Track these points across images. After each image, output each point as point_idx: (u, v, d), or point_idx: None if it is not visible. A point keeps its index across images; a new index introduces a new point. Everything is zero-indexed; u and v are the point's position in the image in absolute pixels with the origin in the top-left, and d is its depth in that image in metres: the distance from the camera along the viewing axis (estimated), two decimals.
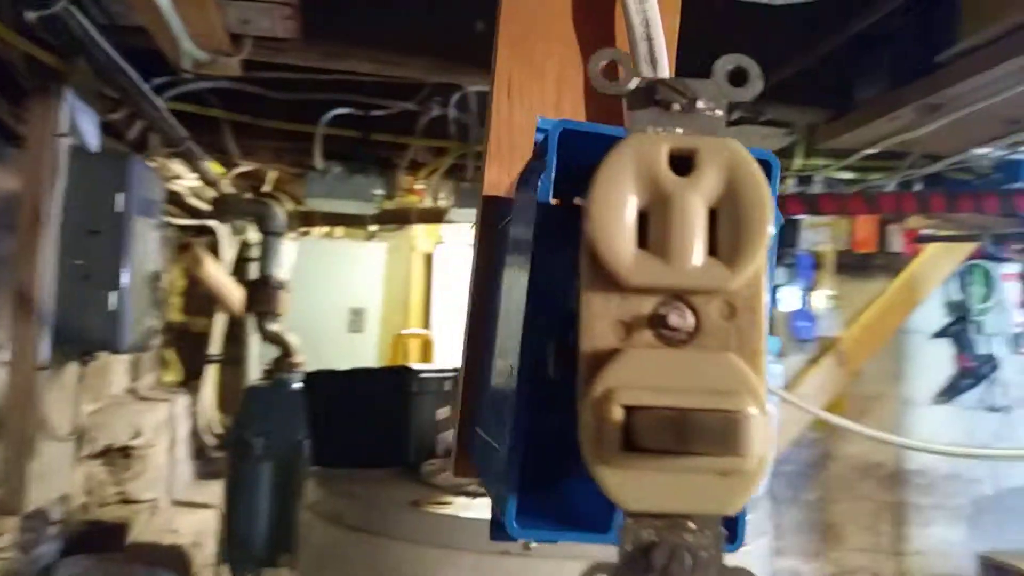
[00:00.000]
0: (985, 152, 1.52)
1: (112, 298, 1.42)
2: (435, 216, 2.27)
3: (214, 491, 2.65)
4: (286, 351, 2.13)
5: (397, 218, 2.33)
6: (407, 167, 2.07)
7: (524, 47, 0.52)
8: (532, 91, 0.52)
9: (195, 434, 2.84)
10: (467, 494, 1.31)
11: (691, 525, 0.27)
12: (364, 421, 1.46)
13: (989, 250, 2.45)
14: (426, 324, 3.16)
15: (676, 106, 0.29)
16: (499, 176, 0.51)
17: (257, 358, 2.69)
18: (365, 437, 1.46)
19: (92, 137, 1.56)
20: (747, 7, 0.97)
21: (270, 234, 2.18)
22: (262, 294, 2.13)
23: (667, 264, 0.27)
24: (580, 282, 0.28)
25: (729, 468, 0.26)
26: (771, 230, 0.27)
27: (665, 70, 0.50)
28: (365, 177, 2.03)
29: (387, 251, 3.19)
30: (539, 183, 0.35)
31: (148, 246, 1.55)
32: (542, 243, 0.34)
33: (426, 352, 2.12)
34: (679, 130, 0.28)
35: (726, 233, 0.27)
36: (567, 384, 0.38)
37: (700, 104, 0.29)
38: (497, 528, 0.38)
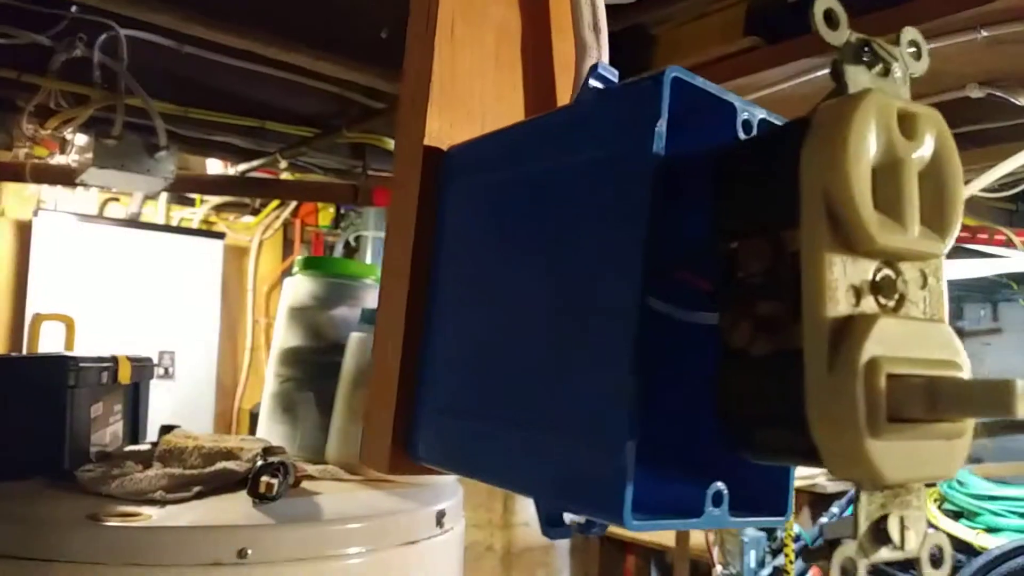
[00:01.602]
0: None
1: None
2: (63, 176, 1.89)
3: None
4: None
5: (9, 174, 1.90)
6: (34, 112, 1.71)
7: None
8: (474, 38, 0.47)
9: None
10: (152, 502, 1.12)
11: (907, 495, 0.27)
12: (0, 421, 1.17)
13: None
14: (20, 307, 2.63)
15: (876, 69, 0.28)
16: (441, 127, 0.44)
17: None
18: (1, 441, 1.17)
19: None
20: None
21: None
22: None
23: (903, 229, 0.26)
24: (810, 243, 0.26)
25: (957, 432, 0.26)
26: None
27: (605, 36, 0.49)
28: None
29: None
30: (641, 134, 0.31)
31: None
32: (656, 198, 0.31)
33: (68, 338, 1.74)
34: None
35: (929, 202, 0.27)
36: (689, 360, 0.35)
37: (895, 70, 0.29)
38: (552, 523, 0.33)
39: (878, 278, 0.27)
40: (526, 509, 3.34)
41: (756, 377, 0.28)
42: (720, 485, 0.33)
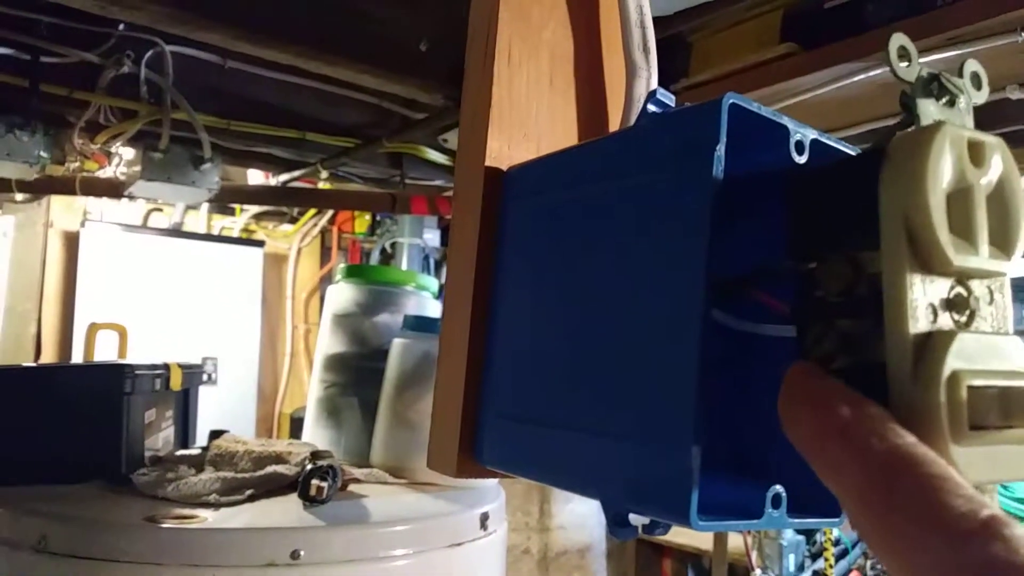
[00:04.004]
0: None
1: None
2: (111, 188, 1.95)
3: None
4: None
5: (60, 187, 1.96)
6: (84, 128, 1.77)
7: (522, 13, 0.49)
8: (529, 60, 0.49)
9: None
10: (206, 505, 1.16)
11: (983, 496, 0.28)
12: (60, 427, 1.22)
13: None
14: (68, 315, 2.70)
15: (943, 100, 0.30)
16: (501, 148, 0.47)
17: None
18: (61, 446, 1.22)
19: None
20: None
21: None
22: None
23: (974, 250, 0.28)
24: (892, 265, 0.28)
25: None
26: None
27: (654, 56, 0.51)
28: (29, 135, 1.68)
29: (15, 227, 2.67)
30: (701, 157, 0.33)
31: None
32: (716, 219, 0.33)
33: (121, 346, 1.80)
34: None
35: (995, 224, 0.29)
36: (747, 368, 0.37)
37: (960, 101, 0.30)
38: (618, 523, 0.35)
39: (951, 296, 0.28)
40: (563, 512, 3.35)
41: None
42: (779, 488, 0.35)
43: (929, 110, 0.30)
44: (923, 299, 0.27)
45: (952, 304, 0.28)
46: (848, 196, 0.29)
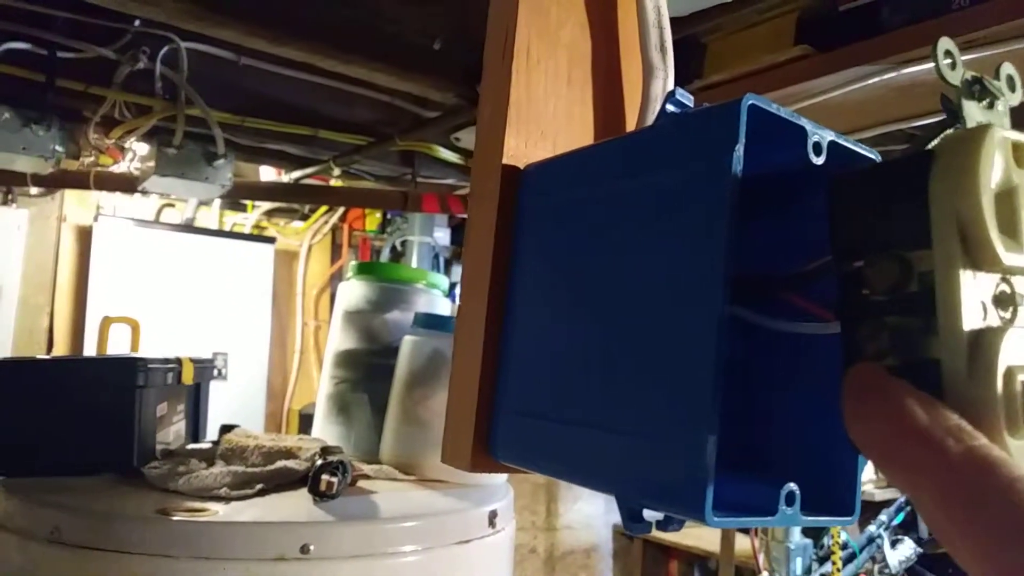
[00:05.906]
0: None
1: None
2: (125, 183, 1.97)
3: None
4: None
5: (75, 181, 1.98)
6: (99, 123, 1.78)
7: (541, 11, 0.49)
8: (547, 60, 0.49)
9: None
10: (217, 498, 1.17)
11: None
12: (73, 420, 1.22)
13: None
14: (81, 308, 2.72)
15: (984, 102, 0.31)
16: (518, 146, 0.47)
17: None
18: (73, 439, 1.22)
19: None
20: None
21: None
22: None
23: (1019, 248, 0.28)
24: (945, 262, 0.28)
25: None
26: None
27: (671, 57, 0.51)
28: (44, 129, 1.70)
29: (29, 220, 2.69)
30: (720, 157, 0.33)
31: None
32: (734, 218, 0.33)
33: (133, 340, 1.80)
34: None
35: None
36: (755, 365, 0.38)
37: (998, 103, 0.31)
38: (633, 519, 0.36)
39: (997, 292, 0.29)
40: (569, 512, 3.35)
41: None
42: (792, 486, 0.35)
43: (973, 112, 0.30)
44: (974, 296, 0.28)
45: (998, 301, 0.28)
46: (896, 196, 0.30)
